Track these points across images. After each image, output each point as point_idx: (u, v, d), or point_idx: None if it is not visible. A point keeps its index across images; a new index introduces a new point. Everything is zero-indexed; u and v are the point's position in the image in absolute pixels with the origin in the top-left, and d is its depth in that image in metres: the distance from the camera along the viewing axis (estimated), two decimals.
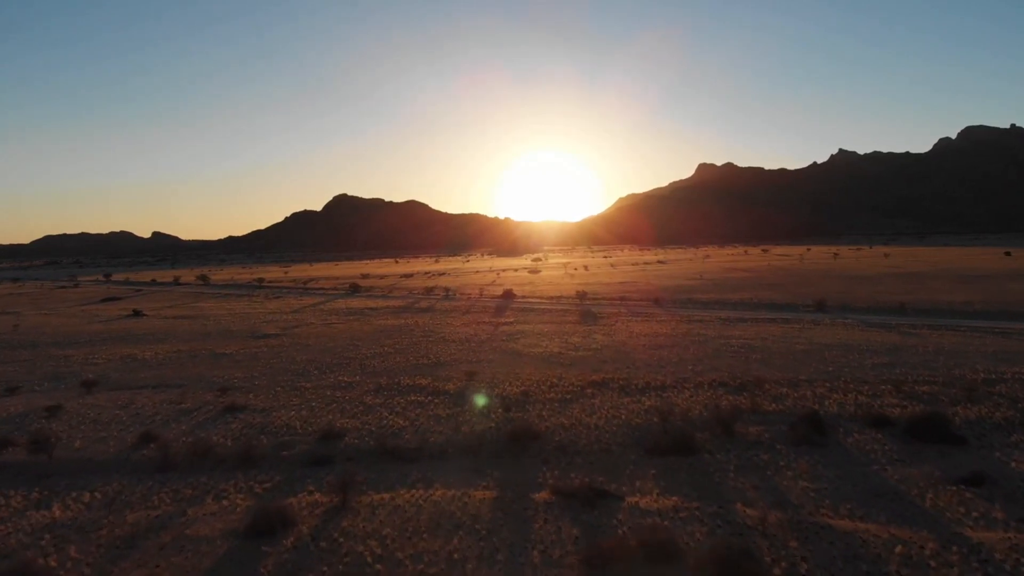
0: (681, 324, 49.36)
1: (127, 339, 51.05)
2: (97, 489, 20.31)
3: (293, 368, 36.73)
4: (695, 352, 37.50)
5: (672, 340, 41.81)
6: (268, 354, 41.59)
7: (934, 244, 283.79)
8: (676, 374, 31.96)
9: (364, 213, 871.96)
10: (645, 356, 36.70)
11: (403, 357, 38.54)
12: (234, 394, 30.76)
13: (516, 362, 36.17)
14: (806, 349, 37.89)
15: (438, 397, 28.65)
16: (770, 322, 49.52)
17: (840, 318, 51.36)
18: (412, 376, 33.16)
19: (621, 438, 22.51)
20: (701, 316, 53.94)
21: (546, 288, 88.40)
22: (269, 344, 45.75)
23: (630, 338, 43.33)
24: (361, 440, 23.07)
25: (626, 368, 33.67)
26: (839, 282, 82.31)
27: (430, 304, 71.19)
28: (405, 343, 43.84)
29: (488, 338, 45.31)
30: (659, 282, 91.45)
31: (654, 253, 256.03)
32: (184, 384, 33.90)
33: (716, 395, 27.81)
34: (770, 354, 36.47)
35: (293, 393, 30.52)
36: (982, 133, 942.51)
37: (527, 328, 49.84)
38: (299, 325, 55.70)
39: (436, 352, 39.93)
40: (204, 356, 42.06)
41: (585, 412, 25.44)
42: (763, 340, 41.07)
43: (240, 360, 39.98)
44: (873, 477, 19.58)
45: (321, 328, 53.29)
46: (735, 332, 44.55)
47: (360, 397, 29.11)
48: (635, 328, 47.90)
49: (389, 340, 45.38)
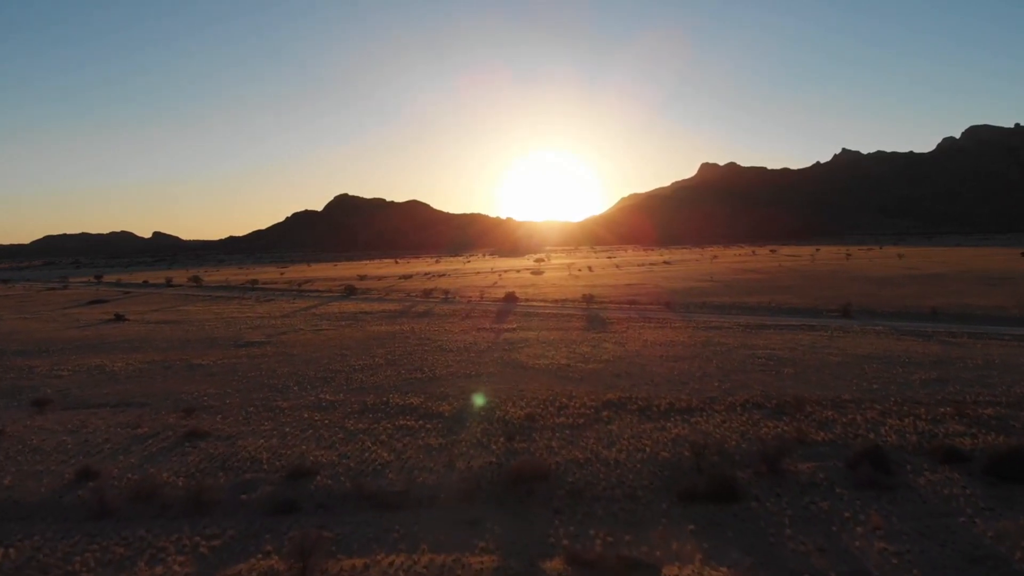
0: (698, 331, 45.64)
1: (101, 347, 47.43)
2: (13, 544, 16.67)
3: (272, 383, 33.06)
4: (719, 365, 33.78)
5: (691, 350, 38.09)
6: (247, 366, 37.93)
7: (942, 244, 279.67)
8: (702, 392, 28.25)
9: (365, 213, 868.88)
10: (664, 370, 32.98)
11: (394, 370, 34.85)
12: (200, 416, 27.09)
13: (520, 376, 32.49)
14: (841, 361, 34.18)
15: (431, 421, 24.94)
16: (795, 329, 45.79)
17: (869, 324, 47.62)
18: (403, 394, 29.47)
19: (647, 478, 18.79)
20: (718, 322, 50.21)
21: (550, 290, 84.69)
22: (251, 354, 42.10)
23: (644, 348, 39.62)
24: (336, 480, 19.36)
25: (644, 385, 29.95)
26: (858, 284, 78.54)
27: (428, 308, 67.53)
28: (398, 353, 40.16)
29: (489, 347, 41.63)
30: (668, 284, 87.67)
31: (659, 253, 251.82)
32: (148, 403, 30.23)
33: (752, 420, 24.10)
34: (803, 367, 32.75)
35: (266, 415, 26.84)
36: (986, 133, 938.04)
37: (531, 335, 46.16)
38: (287, 331, 52.06)
39: (431, 364, 36.25)
40: (178, 368, 38.43)
41: (602, 442, 21.73)
42: (791, 350, 37.35)
43: (216, 373, 36.34)
44: (961, 533, 15.82)
45: (309, 335, 49.64)
46: (759, 341, 40.83)
47: (342, 421, 25.41)
48: (648, 336, 44.18)
49: (381, 349, 41.70)
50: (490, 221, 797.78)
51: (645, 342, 41.63)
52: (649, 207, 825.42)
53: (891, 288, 72.99)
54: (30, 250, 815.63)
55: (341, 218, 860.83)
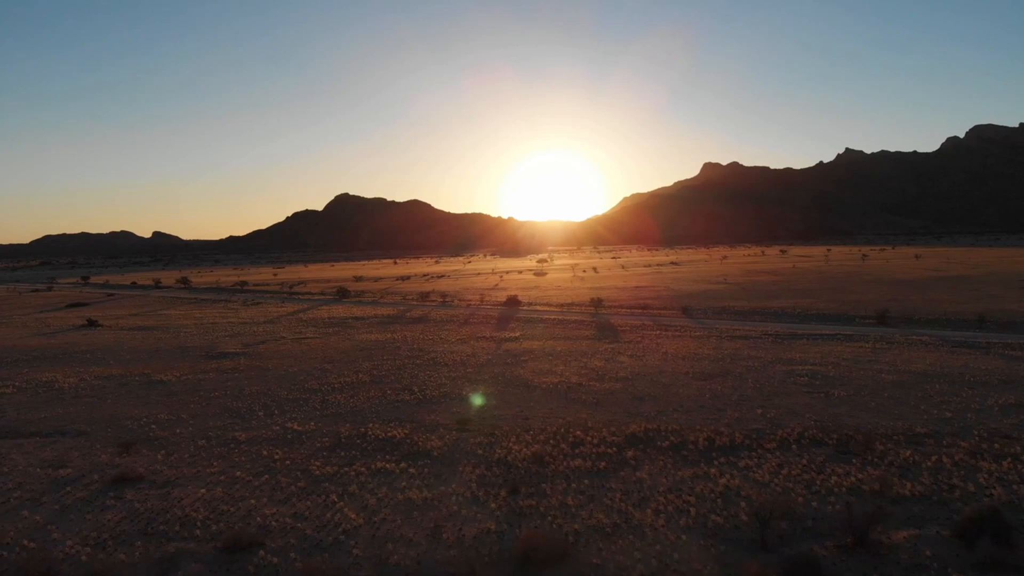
0: (723, 341, 40.90)
1: (60, 358, 42.83)
2: None
3: (235, 406, 28.38)
4: (756, 385, 29.07)
5: (719, 366, 33.35)
6: (213, 383, 33.28)
7: (953, 244, 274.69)
8: (743, 422, 23.54)
9: (366, 213, 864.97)
10: (692, 391, 28.26)
11: (379, 390, 30.17)
12: (139, 452, 22.44)
13: (524, 399, 27.80)
14: (897, 381, 29.43)
15: (415, 463, 20.25)
16: (830, 339, 41.04)
17: (911, 333, 42.86)
18: (385, 422, 24.79)
19: (698, 557, 14.08)
20: (743, 331, 45.46)
21: (554, 293, 79.92)
22: (221, 367, 37.45)
23: (665, 362, 34.89)
24: (284, 557, 14.64)
25: (672, 411, 25.25)
26: (882, 288, 73.74)
27: (424, 313, 62.84)
28: (386, 368, 35.47)
29: (488, 360, 36.95)
30: (679, 287, 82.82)
31: (665, 254, 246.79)
32: (85, 432, 25.57)
33: (815, 463, 19.39)
34: (854, 389, 28.01)
35: (218, 451, 22.18)
36: (990, 132, 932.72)
37: (536, 346, 41.46)
38: (267, 340, 47.40)
39: (422, 382, 31.56)
40: (136, 384, 33.79)
41: (631, 499, 17.04)
42: (834, 366, 32.62)
43: (175, 392, 31.68)
44: None
45: (290, 345, 44.97)
46: (794, 354, 36.08)
47: (306, 462, 20.73)
48: (668, 347, 39.45)
49: (367, 363, 37.02)
50: (492, 221, 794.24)
51: (665, 355, 36.90)
52: (652, 207, 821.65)
53: (919, 292, 68.19)
54: (29, 250, 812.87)
55: (342, 218, 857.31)
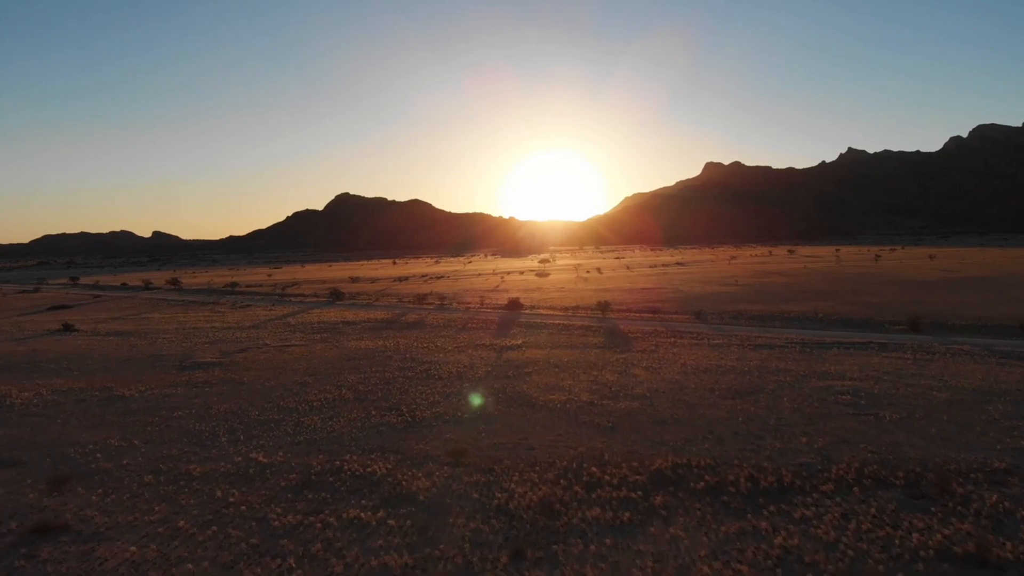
0: (746, 350, 37.24)
1: (21, 368, 39.28)
2: None
3: (197, 429, 24.76)
4: (794, 404, 25.42)
5: (748, 380, 29.70)
6: (179, 399, 29.67)
7: (961, 244, 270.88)
8: (788, 453, 19.89)
9: (366, 212, 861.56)
10: (722, 413, 24.59)
11: (363, 410, 26.54)
12: (74, 489, 18.85)
13: (528, 421, 24.17)
14: (952, 399, 25.78)
15: (396, 511, 16.60)
16: (863, 348, 37.37)
17: (950, 342, 39.21)
18: (366, 453, 21.16)
19: None
20: (765, 338, 41.78)
21: (558, 296, 76.29)
22: (192, 380, 33.84)
23: (685, 375, 31.24)
24: None
25: (702, 439, 21.60)
26: (903, 290, 70.01)
27: (420, 317, 59.21)
28: (373, 381, 31.84)
29: (488, 373, 33.32)
30: (689, 288, 79.10)
31: (669, 254, 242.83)
32: (23, 461, 21.98)
33: (885, 512, 15.72)
34: (907, 410, 24.34)
35: (166, 490, 18.57)
36: (994, 131, 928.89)
37: (540, 355, 37.83)
38: (248, 348, 43.79)
39: (412, 400, 27.94)
40: (94, 401, 30.19)
41: (667, 570, 13.42)
42: (878, 381, 28.95)
43: (135, 410, 28.08)
44: None
45: (273, 353, 41.35)
46: (829, 366, 32.42)
47: (265, 507, 17.10)
48: (686, 357, 35.79)
49: (353, 375, 33.40)
50: (493, 221, 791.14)
51: (684, 367, 33.23)
52: (653, 207, 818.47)
53: (944, 294, 64.50)
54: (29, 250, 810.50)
55: (342, 217, 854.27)
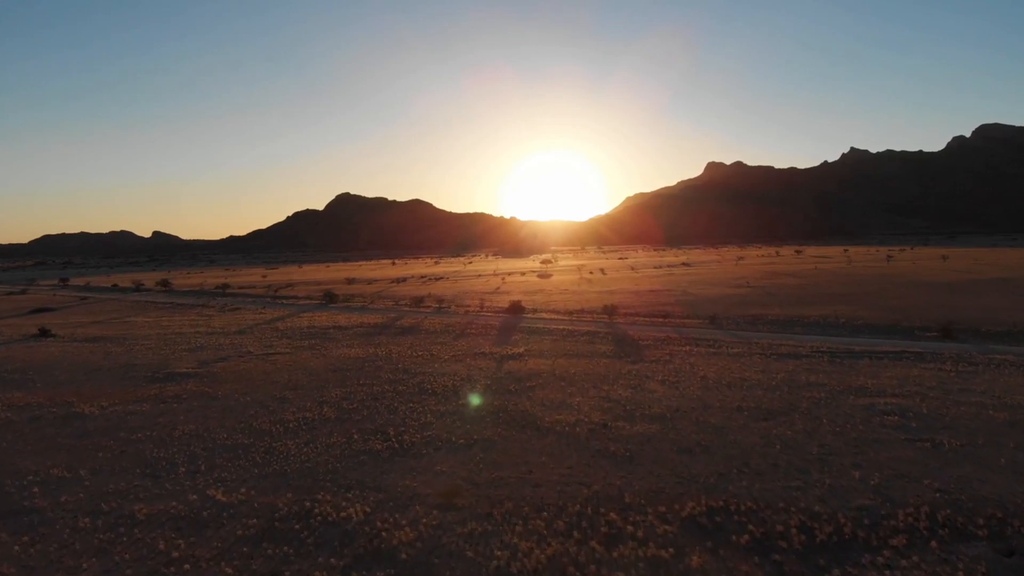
0: (770, 361, 34.02)
1: None
2: None
3: (155, 457, 21.59)
4: (834, 427, 22.22)
5: (778, 397, 26.48)
6: (142, 418, 26.52)
7: (969, 244, 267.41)
8: (841, 493, 16.65)
9: (367, 212, 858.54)
10: (755, 438, 21.40)
11: (345, 432, 23.36)
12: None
13: (533, 450, 20.98)
14: (1012, 420, 22.61)
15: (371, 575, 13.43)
16: (897, 358, 34.15)
17: (990, 351, 35.99)
18: (342, 490, 17.97)
19: None
20: (789, 346, 38.54)
21: (561, 298, 73.06)
22: (163, 395, 30.69)
23: (707, 391, 28.03)
24: None
25: (737, 472, 18.39)
26: (924, 293, 66.73)
27: (416, 321, 56.02)
28: (360, 397, 28.66)
29: (487, 386, 30.13)
30: (698, 291, 75.79)
31: (673, 254, 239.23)
32: None
33: (972, 571, 12.62)
34: (965, 434, 21.14)
35: (101, 537, 15.39)
36: (997, 131, 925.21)
37: (544, 366, 34.63)
38: (229, 356, 40.61)
39: (402, 420, 24.76)
40: (50, 419, 27.04)
41: None
42: (923, 398, 25.74)
43: (91, 431, 24.93)
44: None
45: (254, 363, 38.15)
46: (864, 380, 29.19)
47: (212, 565, 13.87)
48: (706, 369, 32.58)
49: (338, 390, 30.22)
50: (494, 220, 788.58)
51: (705, 380, 30.02)
52: (655, 207, 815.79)
53: (968, 297, 61.23)
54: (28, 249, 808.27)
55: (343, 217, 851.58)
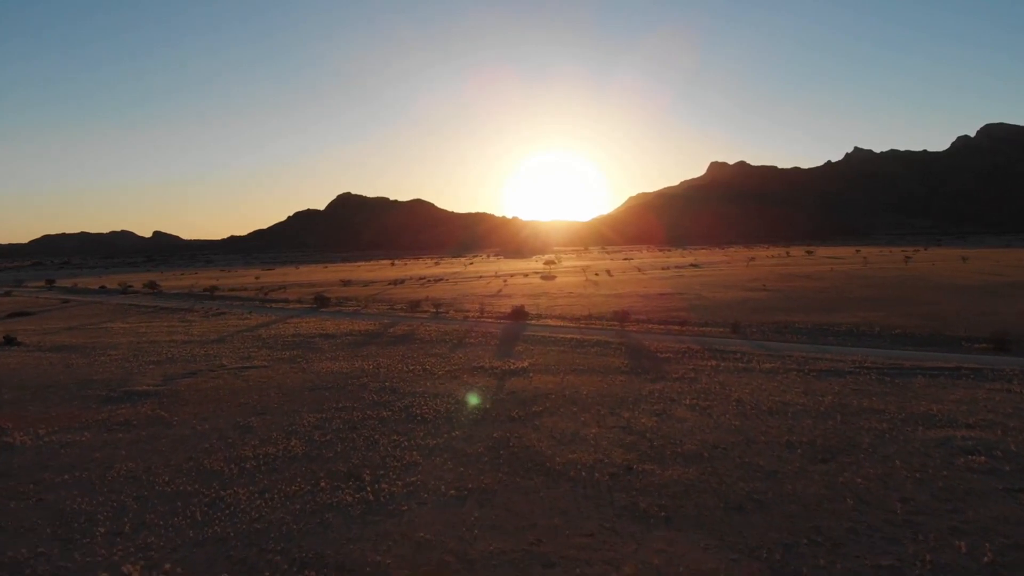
0: (811, 380, 29.74)
1: None
2: None
3: (75, 507, 17.39)
4: (909, 471, 17.98)
5: (831, 429, 22.20)
6: (80, 451, 22.37)
7: (980, 245, 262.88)
8: (949, 573, 12.45)
9: (368, 212, 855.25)
10: (817, 487, 17.13)
11: (310, 475, 19.14)
12: None
13: (541, 504, 16.73)
14: None
15: None
16: (955, 377, 29.84)
17: None
18: (291, 571, 13.75)
19: None
20: (827, 360, 34.21)
21: (566, 302, 68.81)
22: (112, 419, 26.56)
23: (745, 419, 23.75)
24: None
25: (807, 541, 14.08)
26: (955, 297, 62.36)
27: (410, 329, 51.83)
28: (335, 426, 24.44)
29: (486, 412, 25.91)
30: (713, 294, 71.45)
31: (680, 255, 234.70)
32: None
33: None
34: None
35: None
36: (1002, 131, 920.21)
37: (551, 384, 30.40)
38: (199, 371, 36.41)
39: (382, 457, 20.55)
40: None
41: None
42: (1005, 430, 21.49)
43: (14, 469, 20.76)
44: None
45: (225, 379, 33.95)
46: (925, 404, 24.90)
47: None
48: (739, 389, 28.30)
49: (312, 416, 26.01)
50: (496, 220, 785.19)
51: (740, 405, 25.75)
52: (657, 206, 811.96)
53: (1004, 302, 56.89)
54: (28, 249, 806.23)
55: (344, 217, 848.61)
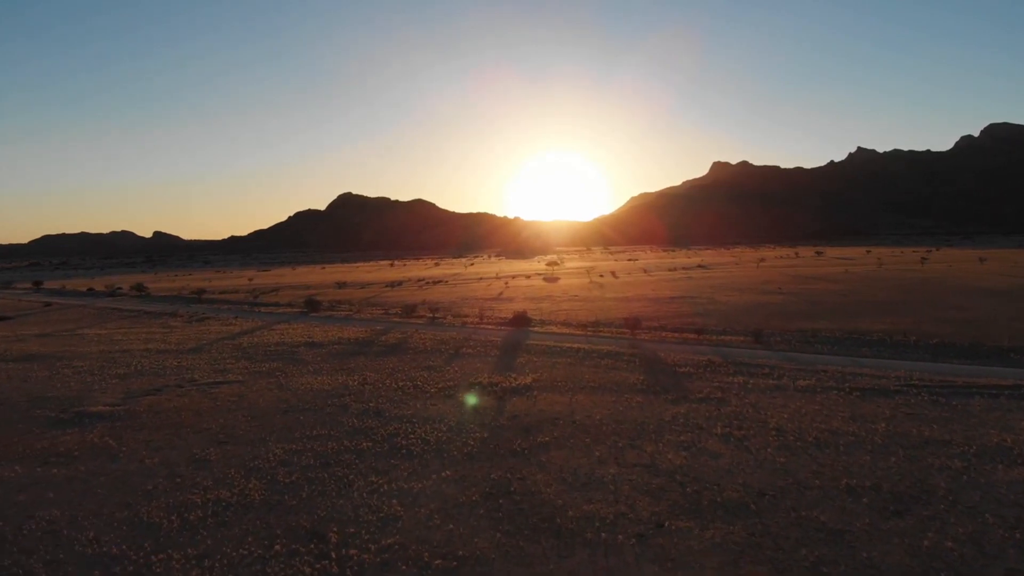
0: (855, 401, 26.01)
1: None
2: None
3: None
4: (1006, 531, 14.32)
5: (894, 468, 18.53)
6: (2, 492, 18.76)
7: (989, 245, 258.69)
8: None
9: (369, 212, 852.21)
10: (897, 554, 13.47)
11: (262, 538, 15.48)
12: None
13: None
14: None
15: None
16: (1016, 398, 26.13)
17: None
18: None
19: None
20: (869, 376, 30.45)
21: (571, 307, 65.11)
22: (53, 448, 22.98)
23: (791, 455, 20.07)
24: None
25: None
26: (987, 301, 58.54)
27: (403, 336, 48.18)
28: (305, 461, 20.77)
29: (482, 442, 22.24)
30: (725, 298, 67.64)
31: (685, 255, 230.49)
32: None
33: None
34: None
35: None
36: (1005, 130, 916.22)
37: (558, 406, 26.71)
38: (165, 387, 32.75)
39: (355, 506, 16.91)
40: None
41: None
42: None
43: None
44: None
45: (193, 397, 30.30)
46: (1000, 435, 21.23)
47: None
48: (775, 413, 24.59)
49: (281, 445, 22.36)
50: (497, 220, 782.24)
51: (781, 434, 22.06)
52: (660, 206, 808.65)
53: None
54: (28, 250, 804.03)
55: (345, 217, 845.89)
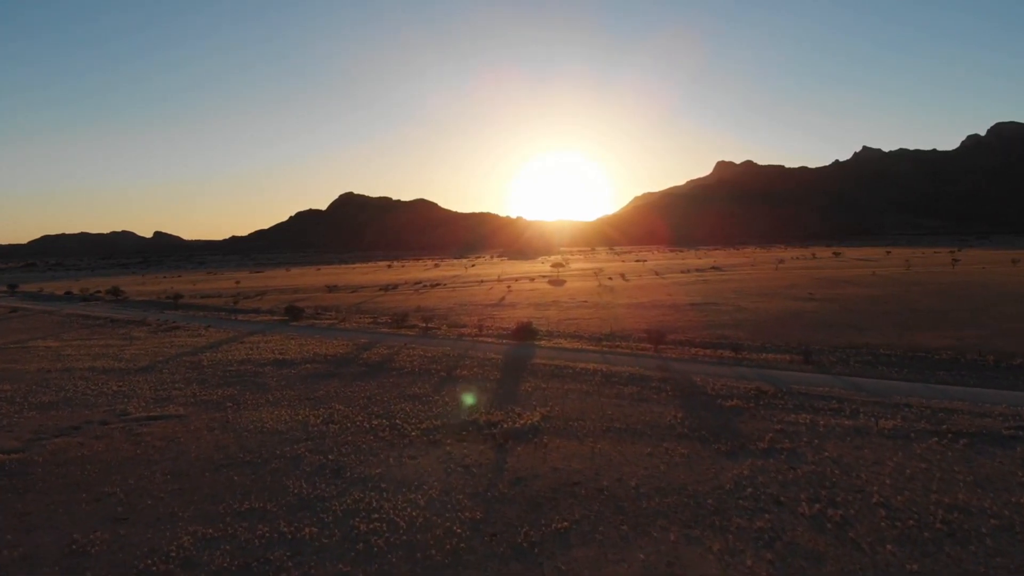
0: (968, 455, 19.67)
1: None
2: None
3: None
4: None
5: None
6: None
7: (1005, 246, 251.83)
8: None
9: (371, 212, 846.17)
10: None
11: None
12: None
13: None
14: None
15: None
16: None
17: None
18: None
19: None
20: (963, 412, 24.07)
21: (581, 314, 58.62)
22: None
23: (923, 557, 13.74)
24: None
25: None
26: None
27: (390, 352, 41.85)
28: (215, 565, 14.45)
29: (473, 524, 15.95)
30: (751, 304, 60.86)
31: (695, 256, 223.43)
32: None
33: None
34: None
35: None
36: (1011, 129, 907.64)
37: (576, 462, 20.39)
38: (83, 424, 26.47)
39: None
40: None
41: None
42: None
43: None
44: None
45: (114, 441, 24.00)
46: None
47: None
48: (868, 475, 18.27)
49: (197, 527, 16.06)
50: (500, 220, 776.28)
51: (891, 514, 15.76)
52: (663, 206, 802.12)
53: None
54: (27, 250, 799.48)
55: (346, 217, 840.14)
